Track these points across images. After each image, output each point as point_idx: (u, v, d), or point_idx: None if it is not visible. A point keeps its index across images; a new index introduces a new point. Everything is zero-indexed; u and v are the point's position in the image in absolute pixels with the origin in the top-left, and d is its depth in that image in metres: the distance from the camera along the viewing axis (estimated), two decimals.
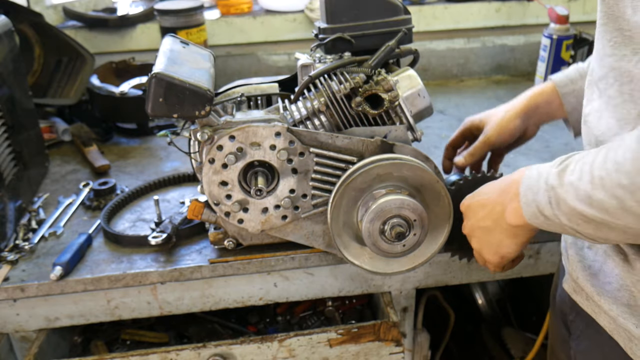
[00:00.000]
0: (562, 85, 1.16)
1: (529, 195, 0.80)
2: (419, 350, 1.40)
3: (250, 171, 1.03)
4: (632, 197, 0.66)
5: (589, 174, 0.71)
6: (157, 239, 1.15)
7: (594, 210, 0.71)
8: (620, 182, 0.67)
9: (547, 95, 1.17)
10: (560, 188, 0.75)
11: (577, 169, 0.74)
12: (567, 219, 0.75)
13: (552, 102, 1.16)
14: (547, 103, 1.17)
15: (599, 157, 0.71)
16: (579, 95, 1.13)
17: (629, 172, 0.66)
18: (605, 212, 0.70)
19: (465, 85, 2.08)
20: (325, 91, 1.05)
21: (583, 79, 1.12)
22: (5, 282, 1.11)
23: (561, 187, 0.75)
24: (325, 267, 1.19)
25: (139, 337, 1.35)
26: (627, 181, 0.66)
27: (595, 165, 0.71)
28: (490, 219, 0.90)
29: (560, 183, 0.75)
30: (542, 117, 1.19)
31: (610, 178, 0.68)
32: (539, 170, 0.81)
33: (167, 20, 1.82)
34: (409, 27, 1.14)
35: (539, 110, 1.17)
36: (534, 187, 0.80)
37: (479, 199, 0.93)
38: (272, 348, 1.13)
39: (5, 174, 1.22)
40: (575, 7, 2.10)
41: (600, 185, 0.69)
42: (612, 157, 0.69)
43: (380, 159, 0.98)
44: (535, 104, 1.17)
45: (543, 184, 0.78)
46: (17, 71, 1.35)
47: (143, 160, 1.57)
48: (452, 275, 1.26)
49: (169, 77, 0.94)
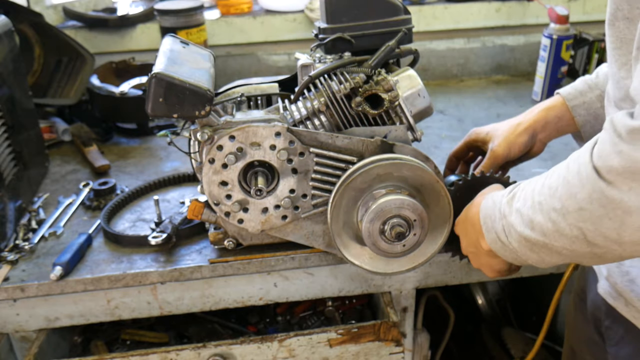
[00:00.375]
0: (571, 99, 1.13)
1: (488, 223, 0.87)
2: (419, 350, 1.40)
3: (250, 171, 1.03)
4: (564, 220, 0.71)
5: (530, 200, 0.77)
6: (157, 239, 1.15)
7: (535, 234, 0.76)
8: (554, 206, 0.72)
9: (557, 110, 1.14)
10: (510, 216, 0.81)
11: (522, 196, 0.79)
12: (517, 245, 0.81)
13: (562, 117, 1.14)
14: (557, 118, 1.14)
15: (539, 184, 0.77)
16: (589, 107, 1.11)
17: (560, 197, 0.71)
18: (543, 234, 0.75)
19: (465, 85, 2.08)
20: (325, 91, 1.05)
21: (592, 90, 1.11)
22: (5, 282, 1.11)
23: (510, 215, 0.81)
24: (325, 267, 1.19)
25: (139, 337, 1.35)
26: (559, 205, 0.71)
27: (535, 192, 0.76)
28: (472, 245, 0.96)
29: (509, 211, 0.81)
30: (551, 133, 1.16)
31: (546, 202, 0.74)
32: (494, 199, 0.87)
33: (167, 20, 1.82)
34: (409, 27, 1.14)
35: (549, 127, 1.15)
36: (491, 215, 0.86)
37: (460, 228, 1.00)
38: (272, 348, 1.13)
39: (5, 174, 1.22)
40: (575, 7, 2.10)
41: (539, 210, 0.75)
42: (547, 183, 0.75)
43: (380, 159, 0.98)
44: (544, 120, 1.15)
45: (497, 213, 0.84)
46: (17, 71, 1.35)
47: (143, 160, 1.57)
48: (452, 275, 1.26)
49: (169, 77, 0.94)
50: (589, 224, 0.68)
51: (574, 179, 0.69)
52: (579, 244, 0.72)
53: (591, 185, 0.66)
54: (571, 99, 1.13)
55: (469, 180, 1.07)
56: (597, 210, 0.67)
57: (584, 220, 0.69)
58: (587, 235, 0.69)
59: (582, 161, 0.69)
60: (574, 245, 0.72)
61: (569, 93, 1.14)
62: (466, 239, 0.98)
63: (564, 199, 0.70)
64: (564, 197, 0.70)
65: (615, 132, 0.64)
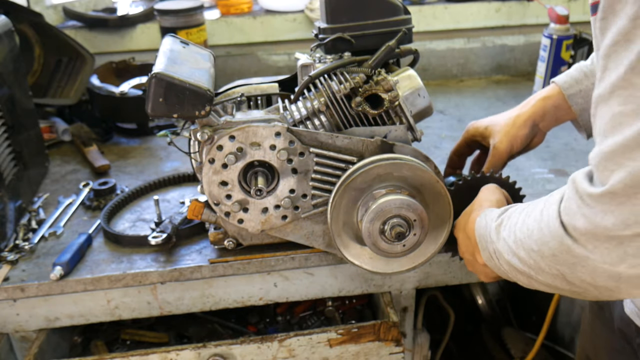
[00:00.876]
0: (567, 87, 1.13)
1: (482, 242, 0.89)
2: (419, 350, 1.40)
3: (250, 171, 1.03)
4: (542, 260, 0.73)
5: (514, 234, 0.79)
6: (157, 239, 1.15)
7: (521, 265, 0.78)
8: (532, 247, 0.75)
9: (554, 100, 1.14)
10: (498, 243, 0.83)
11: (507, 227, 0.82)
12: (507, 268, 0.83)
13: (559, 106, 1.14)
14: (555, 108, 1.14)
15: (520, 220, 0.79)
16: (585, 95, 1.11)
17: (536, 241, 0.74)
18: (528, 267, 0.77)
19: (465, 85, 2.08)
20: (325, 91, 1.05)
21: (588, 78, 1.11)
22: (5, 282, 1.11)
23: (498, 241, 0.83)
24: (325, 267, 1.19)
25: (139, 337, 1.35)
26: (536, 248, 0.74)
27: (517, 227, 0.79)
28: (468, 253, 0.99)
29: (498, 238, 0.83)
30: (549, 123, 1.16)
31: (525, 242, 0.76)
32: (486, 220, 0.89)
33: (167, 20, 1.82)
34: (409, 27, 1.14)
35: (547, 117, 1.15)
36: (484, 236, 0.88)
37: (457, 234, 1.02)
38: (272, 348, 1.13)
39: (5, 174, 1.22)
40: (575, 7, 2.10)
41: (521, 246, 0.77)
42: (526, 222, 0.77)
43: (380, 159, 0.98)
44: (542, 111, 1.14)
45: (489, 236, 0.86)
46: (17, 71, 1.35)
47: (143, 160, 1.57)
48: (452, 275, 1.26)
49: (169, 77, 0.94)
50: (565, 268, 0.70)
51: (545, 229, 0.72)
52: (559, 281, 0.74)
53: (560, 239, 0.69)
54: (567, 88, 1.13)
55: (469, 180, 1.07)
56: (569, 259, 0.69)
57: (560, 264, 0.71)
58: (565, 276, 0.71)
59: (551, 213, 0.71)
60: (556, 282, 0.74)
61: (564, 82, 1.13)
62: (463, 246, 1.00)
63: (539, 244, 0.73)
64: (539, 242, 0.73)
65: (577, 194, 0.66)
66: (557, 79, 1.15)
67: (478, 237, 0.90)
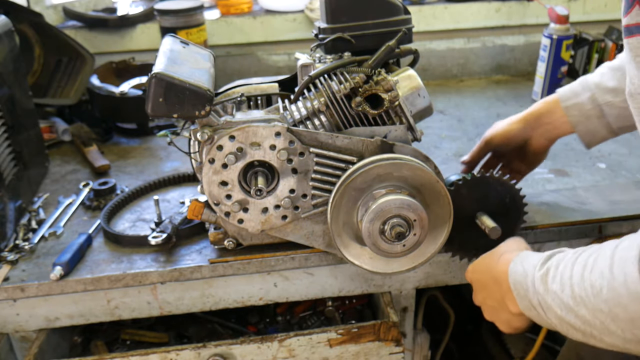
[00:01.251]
0: (565, 99, 1.15)
1: (520, 290, 0.83)
2: (419, 350, 1.40)
3: (250, 171, 1.03)
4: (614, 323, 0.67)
5: (569, 289, 0.73)
6: (157, 239, 1.15)
7: (580, 323, 0.72)
8: (600, 308, 0.68)
9: (550, 105, 1.17)
10: (546, 295, 0.77)
11: (559, 279, 0.75)
12: (558, 323, 0.77)
13: (554, 111, 1.16)
14: (549, 112, 1.16)
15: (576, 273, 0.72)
16: (581, 108, 1.13)
17: (606, 301, 0.67)
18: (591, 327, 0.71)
19: (465, 85, 2.08)
20: (325, 91, 1.05)
21: (585, 92, 1.13)
22: (5, 282, 1.11)
23: (546, 294, 0.77)
24: (325, 267, 1.19)
25: (139, 337, 1.35)
26: (607, 309, 0.67)
27: (574, 282, 0.72)
28: (494, 300, 0.92)
29: (545, 289, 0.77)
30: (547, 128, 1.17)
31: (589, 301, 0.70)
32: (524, 267, 0.83)
33: (167, 20, 1.82)
34: (409, 27, 1.14)
35: (543, 120, 1.17)
36: (522, 284, 0.82)
37: (479, 278, 0.96)
38: (272, 348, 1.13)
39: (5, 174, 1.22)
40: (575, 7, 2.10)
41: (582, 305, 0.71)
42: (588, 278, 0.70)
43: (380, 159, 0.98)
44: (537, 112, 1.17)
45: (530, 285, 0.80)
46: (17, 71, 1.35)
47: (143, 160, 1.57)
48: (452, 275, 1.26)
49: (169, 77, 0.94)
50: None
51: (622, 289, 0.65)
52: (634, 345, 0.68)
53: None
54: (564, 100, 1.15)
55: (469, 180, 1.07)
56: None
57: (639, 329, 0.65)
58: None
59: (629, 273, 0.64)
60: (628, 345, 0.69)
61: (563, 94, 1.16)
62: (485, 291, 0.95)
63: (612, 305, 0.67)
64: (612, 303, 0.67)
65: None
66: (559, 89, 1.18)
67: (513, 284, 0.84)
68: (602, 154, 1.52)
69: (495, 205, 1.09)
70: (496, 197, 1.09)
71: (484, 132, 1.25)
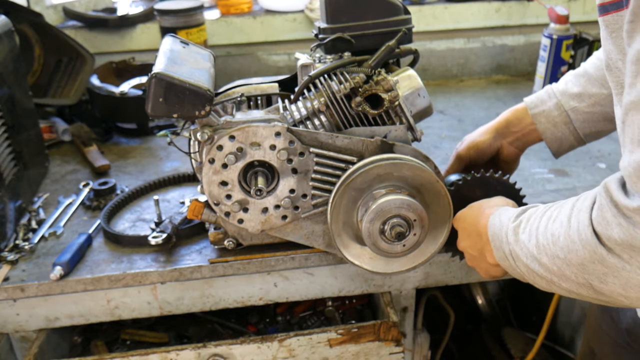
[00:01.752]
0: (532, 107, 1.17)
1: (496, 242, 0.88)
2: (419, 350, 1.40)
3: (250, 171, 1.03)
4: (568, 268, 0.72)
5: (535, 239, 0.78)
6: (157, 239, 1.15)
7: (542, 270, 0.77)
8: (557, 254, 0.73)
9: (518, 113, 1.18)
10: (516, 245, 0.82)
11: (527, 230, 0.80)
12: (526, 272, 0.82)
13: (522, 119, 1.17)
14: (517, 119, 1.18)
15: (542, 224, 0.77)
16: (548, 115, 1.15)
17: (562, 248, 0.72)
18: (551, 273, 0.76)
19: (465, 85, 2.08)
20: (325, 91, 1.05)
21: (551, 99, 1.15)
22: (5, 282, 1.11)
23: (516, 244, 0.82)
24: (325, 267, 1.19)
25: (139, 337, 1.35)
26: (562, 255, 0.73)
27: (539, 232, 0.77)
28: (475, 250, 0.98)
29: (515, 240, 0.82)
30: (517, 137, 1.19)
31: (549, 248, 0.75)
32: (501, 219, 0.88)
33: (167, 20, 1.82)
34: (409, 27, 1.14)
35: (511, 128, 1.18)
36: (498, 235, 0.87)
37: (464, 226, 1.00)
38: (272, 348, 1.13)
39: (5, 174, 1.22)
40: (575, 7, 2.10)
41: (544, 252, 0.76)
42: (550, 228, 0.75)
43: (380, 159, 0.98)
44: (505, 121, 1.19)
45: (504, 236, 0.85)
46: (17, 71, 1.35)
47: (143, 160, 1.57)
48: (452, 275, 1.26)
49: (169, 77, 0.94)
50: (593, 277, 0.69)
51: (575, 236, 0.70)
52: (585, 290, 0.72)
53: (592, 248, 0.68)
54: (532, 107, 1.17)
55: (469, 180, 1.07)
56: (600, 269, 0.68)
57: (588, 274, 0.70)
58: (593, 285, 0.70)
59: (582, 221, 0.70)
60: (581, 290, 0.73)
61: (531, 102, 1.18)
62: (468, 241, 0.99)
63: (566, 251, 0.72)
64: (566, 250, 0.72)
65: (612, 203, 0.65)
66: (527, 98, 1.19)
67: (491, 236, 0.89)
68: (602, 154, 1.52)
69: None
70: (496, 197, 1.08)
71: None
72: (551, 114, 1.15)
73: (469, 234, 0.99)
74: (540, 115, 1.16)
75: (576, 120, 1.13)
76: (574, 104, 1.13)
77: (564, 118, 1.14)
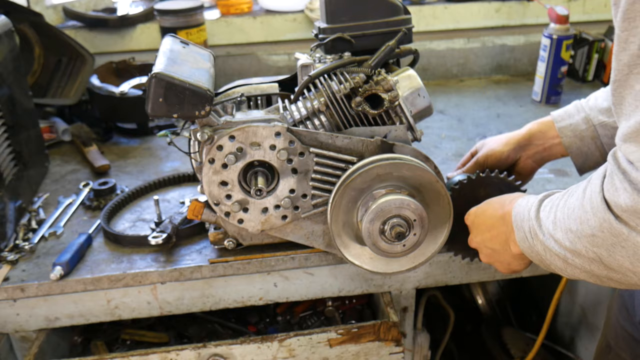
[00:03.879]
0: (559, 120, 1.15)
1: (517, 221, 0.87)
2: (419, 350, 1.40)
3: (250, 171, 1.03)
4: (579, 241, 0.72)
5: (553, 214, 0.78)
6: (157, 239, 1.15)
7: (557, 247, 0.77)
8: (570, 227, 0.73)
9: (543, 126, 1.17)
10: (536, 221, 0.82)
11: (548, 207, 0.80)
12: (542, 249, 0.81)
13: (546, 132, 1.16)
14: (541, 133, 1.16)
15: (562, 200, 0.78)
16: (575, 129, 1.13)
17: (575, 220, 0.73)
18: (564, 249, 0.76)
19: (465, 85, 2.08)
20: (325, 91, 1.05)
21: (579, 113, 1.14)
22: (5, 282, 1.11)
23: (536, 220, 0.82)
24: (325, 267, 1.19)
25: (139, 337, 1.35)
26: (575, 227, 0.73)
27: (558, 207, 0.77)
28: (497, 242, 0.95)
29: (536, 216, 0.82)
30: (538, 150, 1.18)
31: (564, 221, 0.75)
32: (528, 199, 0.87)
33: (167, 20, 1.82)
34: (409, 27, 1.14)
35: (534, 142, 1.17)
36: (522, 213, 0.86)
37: (484, 220, 0.98)
38: (272, 348, 1.13)
39: (5, 174, 1.22)
40: (575, 7, 2.10)
41: (559, 227, 0.76)
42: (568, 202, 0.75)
43: (380, 159, 0.98)
44: (528, 134, 1.17)
45: (527, 213, 0.84)
46: (17, 71, 1.35)
47: (143, 160, 1.57)
48: (452, 275, 1.26)
49: (169, 77, 0.94)
50: (602, 250, 0.69)
51: (587, 205, 0.70)
52: (595, 265, 0.72)
53: (601, 215, 0.68)
54: (559, 121, 1.16)
55: (474, 179, 1.07)
56: (608, 239, 0.68)
57: (598, 246, 0.70)
58: (602, 259, 0.70)
59: (594, 189, 0.70)
60: (592, 266, 0.73)
61: (558, 115, 1.17)
62: (487, 233, 0.97)
63: (578, 222, 0.72)
64: (578, 221, 0.72)
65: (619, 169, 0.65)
66: (553, 112, 1.18)
67: (515, 217, 0.88)
68: None
69: None
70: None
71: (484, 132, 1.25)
72: (578, 127, 1.13)
73: (488, 227, 0.97)
74: (566, 128, 1.14)
75: (604, 135, 1.11)
76: (603, 119, 1.11)
77: (592, 132, 1.12)
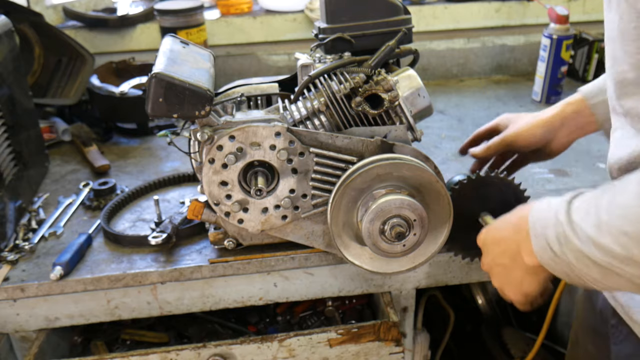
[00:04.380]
0: (591, 97, 1.11)
1: (537, 228, 0.78)
2: (419, 350, 1.40)
3: (250, 171, 1.03)
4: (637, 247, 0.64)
5: (595, 216, 0.69)
6: (157, 239, 1.15)
7: (600, 254, 0.68)
8: (624, 230, 0.65)
9: (576, 106, 1.12)
10: (568, 225, 0.72)
11: (584, 208, 0.71)
12: (574, 259, 0.72)
13: (580, 112, 1.11)
14: (575, 114, 1.12)
15: (605, 199, 0.69)
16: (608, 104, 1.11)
17: (632, 221, 0.64)
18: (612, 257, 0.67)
19: (465, 85, 2.08)
20: (325, 91, 1.05)
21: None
22: (5, 282, 1.11)
23: (569, 224, 0.72)
24: (325, 267, 1.19)
25: (139, 337, 1.35)
26: (631, 229, 0.64)
27: (601, 207, 0.68)
28: (507, 256, 0.87)
29: (567, 220, 0.72)
30: (571, 129, 1.13)
31: (615, 224, 0.66)
32: (550, 202, 0.78)
33: (167, 20, 1.82)
34: (409, 27, 1.14)
35: (567, 122, 1.13)
36: (544, 219, 0.77)
37: (493, 235, 0.91)
38: (272, 348, 1.13)
39: (5, 174, 1.22)
40: (575, 7, 2.10)
41: (607, 231, 0.67)
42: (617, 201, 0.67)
43: (380, 159, 0.98)
44: (562, 116, 1.13)
45: (553, 218, 0.75)
46: (17, 71, 1.35)
47: (143, 160, 1.57)
48: (452, 275, 1.26)
49: (169, 77, 0.94)
50: None
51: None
52: None
53: None
54: (590, 97, 1.11)
55: (474, 179, 1.07)
56: None
57: None
58: None
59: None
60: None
61: (589, 91, 1.12)
62: (498, 248, 0.89)
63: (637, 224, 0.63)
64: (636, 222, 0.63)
65: None
66: (582, 88, 1.13)
67: (532, 223, 0.78)
68: (602, 153, 1.52)
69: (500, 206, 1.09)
70: (501, 197, 1.08)
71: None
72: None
73: (497, 240, 0.89)
74: (599, 105, 1.09)
75: None
76: None
77: None
